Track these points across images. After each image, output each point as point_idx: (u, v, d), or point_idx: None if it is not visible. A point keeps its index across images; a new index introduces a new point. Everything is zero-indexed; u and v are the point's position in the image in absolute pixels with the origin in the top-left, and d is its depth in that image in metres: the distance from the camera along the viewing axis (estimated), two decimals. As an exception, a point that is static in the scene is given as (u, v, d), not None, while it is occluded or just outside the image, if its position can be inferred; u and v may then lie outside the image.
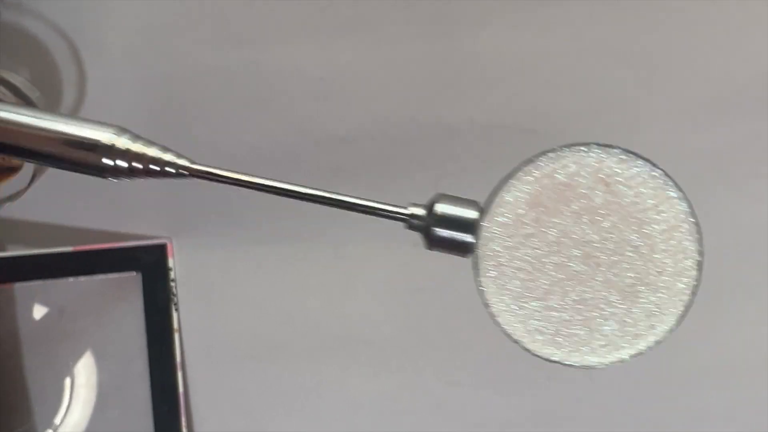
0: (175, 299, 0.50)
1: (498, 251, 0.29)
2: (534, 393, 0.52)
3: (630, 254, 0.29)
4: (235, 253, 0.50)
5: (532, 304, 0.29)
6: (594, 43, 0.47)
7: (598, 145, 0.31)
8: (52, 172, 0.45)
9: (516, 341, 0.29)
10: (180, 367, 0.50)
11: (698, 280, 0.31)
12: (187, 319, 0.50)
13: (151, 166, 0.31)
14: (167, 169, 0.31)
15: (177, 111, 0.47)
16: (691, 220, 0.31)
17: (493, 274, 0.29)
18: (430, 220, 0.29)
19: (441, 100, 0.47)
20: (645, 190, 0.30)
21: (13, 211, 0.48)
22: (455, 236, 0.29)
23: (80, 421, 0.51)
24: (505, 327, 0.29)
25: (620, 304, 0.29)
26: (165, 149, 0.32)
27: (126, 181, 0.32)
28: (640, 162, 0.30)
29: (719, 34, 0.46)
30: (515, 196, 0.30)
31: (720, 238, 0.49)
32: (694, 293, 0.30)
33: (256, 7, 0.45)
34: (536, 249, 0.29)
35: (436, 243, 0.29)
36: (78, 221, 0.49)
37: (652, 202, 0.30)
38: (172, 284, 0.50)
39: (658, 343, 0.31)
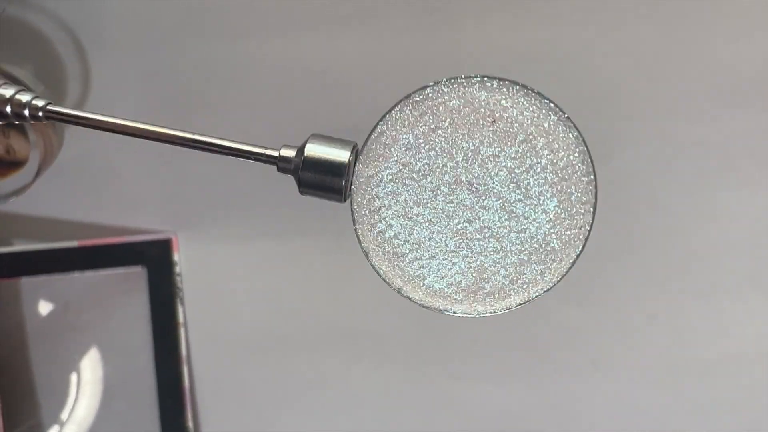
0: (181, 293, 0.50)
1: (374, 193, 0.27)
2: (538, 385, 0.52)
3: (517, 193, 0.27)
4: (240, 247, 0.50)
5: (413, 249, 0.27)
6: (597, 34, 0.46)
7: (481, 77, 0.28)
8: (57, 167, 0.45)
9: (398, 290, 0.27)
10: (185, 360, 0.50)
11: (591, 225, 0.29)
12: (192, 313, 0.51)
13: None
14: (21, 111, 0.30)
15: (181, 104, 0.47)
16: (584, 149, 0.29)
17: (369, 219, 0.27)
18: (299, 162, 0.28)
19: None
20: (529, 120, 0.28)
21: (19, 205, 0.48)
22: (324, 179, 0.28)
23: (86, 415, 0.51)
24: (386, 277, 0.27)
25: (507, 246, 0.27)
26: (25, 90, 0.30)
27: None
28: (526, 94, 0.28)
29: (723, 25, 0.46)
30: (392, 133, 0.28)
31: (725, 230, 0.49)
32: (586, 239, 0.28)
33: (259, 0, 0.45)
34: (415, 188, 0.27)
35: (306, 186, 0.28)
36: (83, 216, 0.49)
37: (541, 138, 0.28)
38: (177, 278, 0.50)
39: (546, 291, 0.28)
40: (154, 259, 0.50)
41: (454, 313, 0.27)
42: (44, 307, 0.51)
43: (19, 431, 0.50)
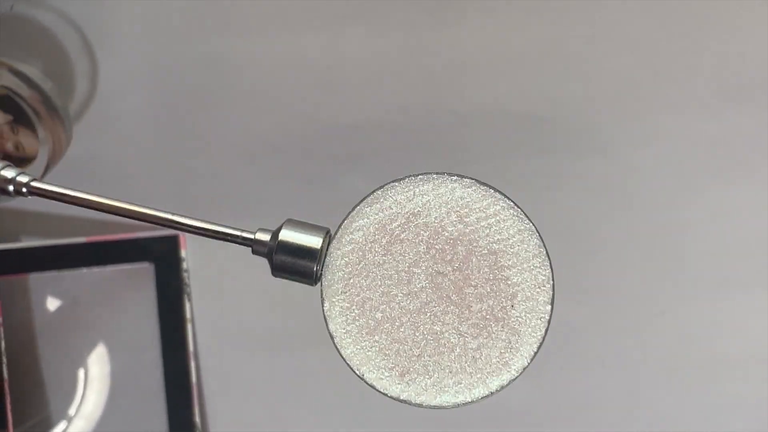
0: (188, 289, 0.50)
1: (344, 280, 0.28)
2: (545, 383, 0.52)
3: (483, 288, 0.28)
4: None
5: (379, 337, 0.28)
6: (605, 30, 0.46)
7: (450, 175, 0.29)
8: (66, 163, 0.45)
9: (361, 377, 0.28)
10: (192, 356, 0.50)
11: (551, 315, 0.29)
12: (200, 309, 0.51)
13: None
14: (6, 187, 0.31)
15: (187, 102, 0.47)
16: (545, 254, 0.29)
17: (338, 304, 0.28)
18: (273, 246, 0.29)
19: (452, 88, 0.47)
20: (497, 222, 0.29)
21: (27, 202, 0.48)
22: (297, 263, 0.28)
23: (94, 411, 0.51)
24: (350, 362, 0.28)
25: (472, 339, 0.28)
26: (5, 166, 0.32)
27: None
28: (495, 194, 0.29)
29: (729, 21, 0.46)
30: (364, 223, 0.29)
31: (733, 226, 0.49)
32: (547, 330, 0.29)
33: (266, -2, 0.46)
34: (384, 278, 0.28)
35: (278, 269, 0.29)
36: (91, 212, 0.50)
37: (506, 233, 0.29)
38: (185, 275, 0.50)
39: (511, 380, 0.29)
40: (162, 256, 0.50)
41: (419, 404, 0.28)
42: (52, 303, 0.51)
43: (27, 426, 0.51)
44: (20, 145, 0.43)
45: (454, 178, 0.29)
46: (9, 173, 0.31)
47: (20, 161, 0.43)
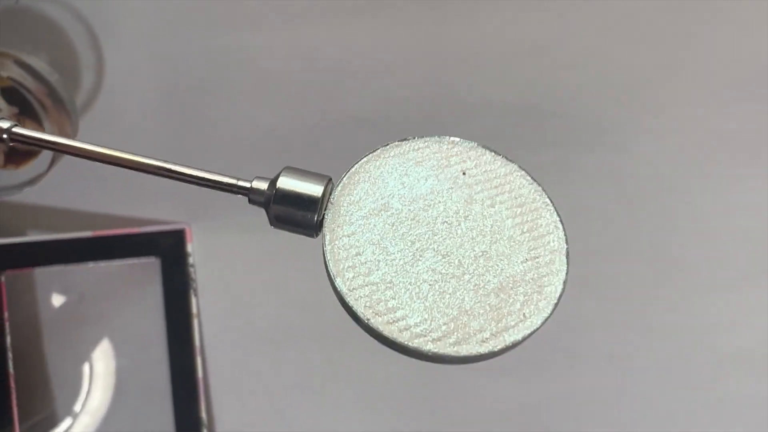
0: (194, 284, 0.50)
1: (347, 229, 0.26)
2: (554, 379, 0.51)
3: (491, 233, 0.26)
4: (254, 238, 0.50)
5: (389, 287, 0.26)
6: (615, 22, 0.46)
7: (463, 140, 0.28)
8: (72, 157, 0.45)
9: (378, 333, 0.25)
10: (199, 351, 0.50)
11: (568, 270, 0.27)
12: (206, 304, 0.50)
13: None
14: None
15: (195, 94, 0.47)
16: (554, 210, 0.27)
17: (342, 254, 0.26)
18: (271, 195, 0.27)
19: (460, 81, 0.47)
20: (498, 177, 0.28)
21: (33, 195, 0.48)
22: (296, 214, 0.27)
23: (100, 406, 0.51)
24: (362, 315, 0.25)
25: (487, 285, 0.26)
26: None
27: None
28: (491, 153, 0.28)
29: (743, 13, 0.45)
30: (367, 170, 0.27)
31: (746, 221, 0.49)
32: (565, 282, 0.26)
33: (274, -10, 0.45)
34: (391, 224, 0.26)
35: (276, 220, 0.27)
36: (97, 206, 0.49)
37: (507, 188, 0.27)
38: (191, 269, 0.50)
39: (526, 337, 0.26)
40: (168, 250, 0.50)
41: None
42: (58, 298, 0.51)
43: (33, 421, 0.51)
44: (26, 137, 0.43)
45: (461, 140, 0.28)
46: None
47: (26, 155, 0.43)
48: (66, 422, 0.51)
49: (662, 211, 0.49)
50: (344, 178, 0.28)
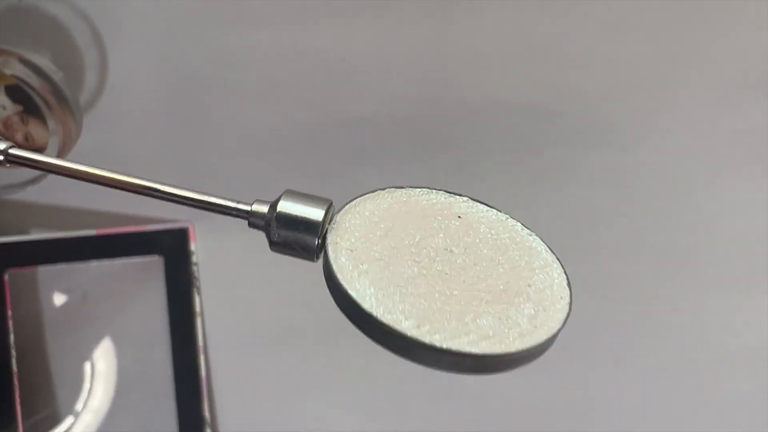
0: (197, 283, 0.50)
1: (349, 249, 0.26)
2: (558, 379, 0.51)
3: (496, 268, 0.27)
4: (258, 237, 0.50)
5: (403, 300, 0.25)
6: (622, 20, 0.46)
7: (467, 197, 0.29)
8: (75, 156, 0.45)
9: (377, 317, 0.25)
10: (202, 350, 0.50)
11: (571, 304, 0.27)
12: (209, 303, 0.50)
13: None
14: None
15: (199, 93, 0.47)
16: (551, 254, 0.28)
17: (348, 265, 0.26)
18: (271, 218, 0.27)
19: (464, 81, 0.47)
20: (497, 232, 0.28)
21: (36, 194, 0.48)
22: (297, 237, 0.26)
23: (103, 405, 0.51)
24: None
25: (494, 304, 0.26)
26: None
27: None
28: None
29: (749, 11, 0.45)
30: (371, 205, 0.27)
31: (752, 222, 0.49)
32: (568, 314, 0.27)
33: (278, -12, 0.45)
34: (392, 246, 0.26)
35: (277, 244, 0.27)
36: (101, 205, 0.49)
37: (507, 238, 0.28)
38: (194, 268, 0.50)
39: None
40: (171, 249, 0.49)
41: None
42: (61, 296, 0.51)
43: (36, 419, 0.50)
44: (30, 135, 0.43)
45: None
46: None
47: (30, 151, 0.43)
48: (68, 420, 0.51)
49: (667, 210, 0.49)
50: (345, 207, 0.28)
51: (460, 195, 0.28)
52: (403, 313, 0.25)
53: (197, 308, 0.50)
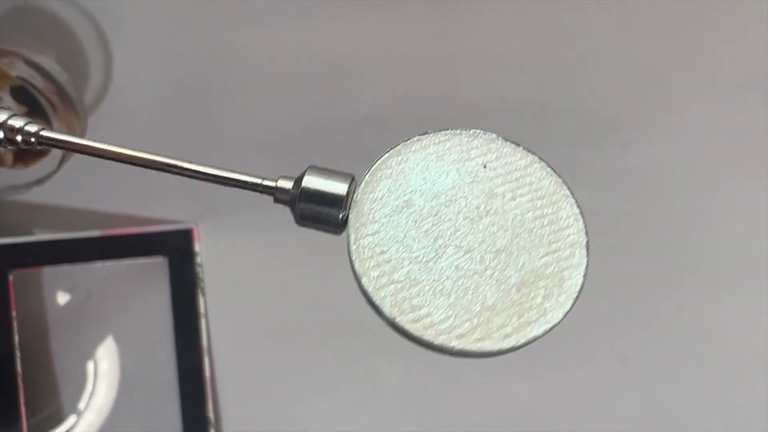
0: (202, 284, 0.50)
1: (371, 228, 0.27)
2: (563, 377, 0.51)
3: (512, 227, 0.27)
4: (262, 237, 0.50)
5: (413, 285, 0.26)
6: (628, 19, 0.46)
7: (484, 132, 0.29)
8: (81, 156, 0.45)
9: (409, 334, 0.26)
10: (206, 351, 0.50)
11: (588, 261, 0.27)
12: (214, 304, 0.50)
13: None
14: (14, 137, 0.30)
15: (204, 92, 0.47)
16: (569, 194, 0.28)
17: (367, 253, 0.26)
18: (296, 193, 0.28)
19: (471, 79, 0.47)
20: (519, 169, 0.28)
21: (41, 194, 0.48)
22: (321, 211, 0.27)
23: (106, 405, 0.51)
24: (388, 314, 0.25)
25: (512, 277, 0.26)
26: (12, 115, 0.30)
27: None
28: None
29: (758, 10, 0.45)
30: (389, 167, 0.28)
31: (756, 221, 0.49)
32: (585, 275, 0.27)
33: (283, -12, 0.45)
34: (414, 221, 0.27)
35: (302, 218, 0.28)
36: (105, 206, 0.49)
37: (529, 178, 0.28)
38: (199, 269, 0.50)
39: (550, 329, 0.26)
40: (176, 250, 0.49)
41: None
42: (65, 297, 0.50)
43: (39, 419, 0.51)
44: (34, 136, 0.43)
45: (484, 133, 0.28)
46: (17, 122, 0.30)
47: (35, 154, 0.43)
48: (72, 420, 0.51)
49: (673, 210, 0.49)
50: (366, 176, 0.28)
51: (488, 133, 0.28)
52: (418, 308, 0.26)
53: (201, 309, 0.50)
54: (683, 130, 0.47)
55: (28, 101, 0.41)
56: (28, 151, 0.43)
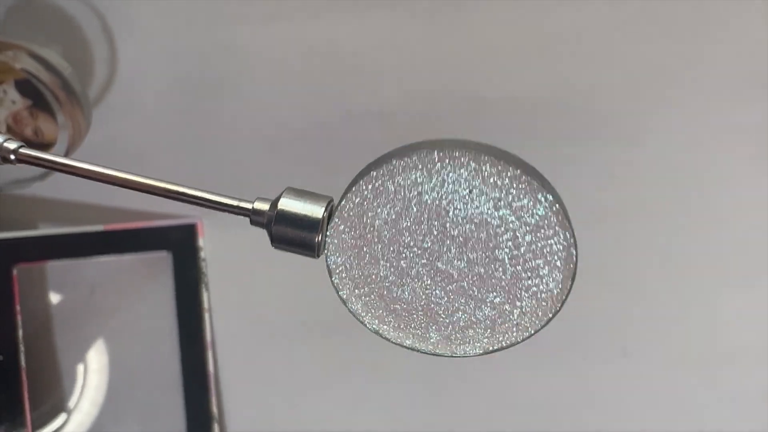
0: (205, 279, 0.50)
1: (350, 249, 0.27)
2: (567, 371, 0.51)
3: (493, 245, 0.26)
4: (265, 233, 0.50)
5: (393, 299, 0.26)
6: (633, 14, 0.46)
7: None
8: (84, 150, 0.45)
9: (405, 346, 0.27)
10: (210, 346, 0.50)
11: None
12: (217, 299, 0.50)
13: None
14: None
15: (209, 87, 0.47)
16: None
17: (346, 275, 0.27)
18: (272, 215, 0.27)
19: (477, 74, 0.47)
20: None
21: (45, 189, 0.48)
22: (297, 235, 0.27)
23: (110, 400, 0.51)
24: (368, 324, 0.27)
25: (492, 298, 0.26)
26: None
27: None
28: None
29: (759, 6, 0.45)
30: (366, 190, 0.27)
31: (763, 217, 0.48)
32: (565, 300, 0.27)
33: (288, -18, 0.45)
34: (391, 237, 0.26)
35: (278, 241, 0.27)
36: (109, 200, 0.49)
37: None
38: (203, 263, 0.50)
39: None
40: (180, 244, 0.49)
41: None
42: (69, 292, 0.50)
43: (42, 413, 0.51)
44: (39, 130, 0.43)
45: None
46: None
47: (39, 147, 0.43)
48: (75, 414, 0.51)
49: (676, 205, 0.49)
50: (343, 199, 0.28)
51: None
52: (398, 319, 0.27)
53: (205, 304, 0.50)
54: (687, 127, 0.47)
55: (33, 94, 0.41)
56: (32, 144, 0.43)
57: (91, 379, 0.51)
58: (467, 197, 0.26)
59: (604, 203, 0.49)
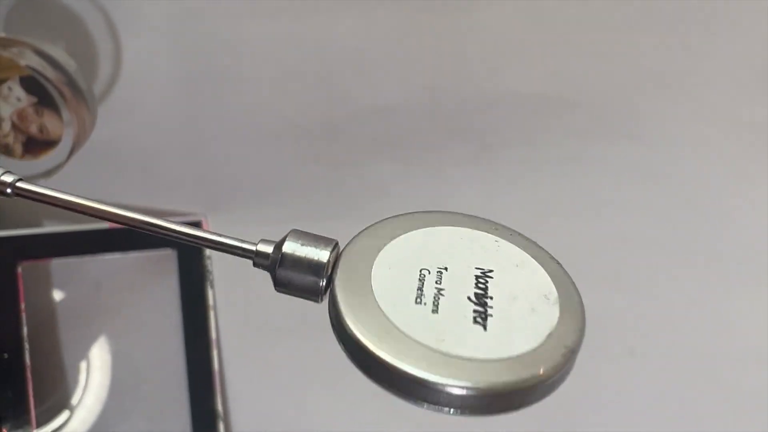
0: (211, 276, 0.50)
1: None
2: (575, 370, 0.51)
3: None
4: (271, 230, 0.50)
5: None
6: (639, 10, 0.45)
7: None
8: (90, 148, 0.45)
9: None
10: (215, 343, 0.50)
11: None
12: (222, 296, 0.50)
13: None
14: None
15: (213, 83, 0.47)
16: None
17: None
18: (276, 258, 0.26)
19: (482, 71, 0.46)
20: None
21: (50, 186, 0.48)
22: (301, 278, 0.26)
23: (115, 398, 0.51)
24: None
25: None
26: None
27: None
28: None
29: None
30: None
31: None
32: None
33: (293, -21, 0.45)
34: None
35: (281, 284, 0.27)
36: (114, 198, 0.49)
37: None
38: (208, 261, 0.50)
39: None
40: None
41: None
42: (75, 289, 0.50)
43: (47, 409, 0.51)
44: (44, 127, 0.43)
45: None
46: None
47: (44, 144, 0.43)
48: (80, 411, 0.51)
49: (686, 204, 0.48)
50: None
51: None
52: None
53: (210, 301, 0.50)
54: (698, 124, 0.47)
55: (38, 91, 0.41)
56: (37, 142, 0.43)
57: (95, 376, 0.51)
58: None
59: (613, 200, 0.48)
